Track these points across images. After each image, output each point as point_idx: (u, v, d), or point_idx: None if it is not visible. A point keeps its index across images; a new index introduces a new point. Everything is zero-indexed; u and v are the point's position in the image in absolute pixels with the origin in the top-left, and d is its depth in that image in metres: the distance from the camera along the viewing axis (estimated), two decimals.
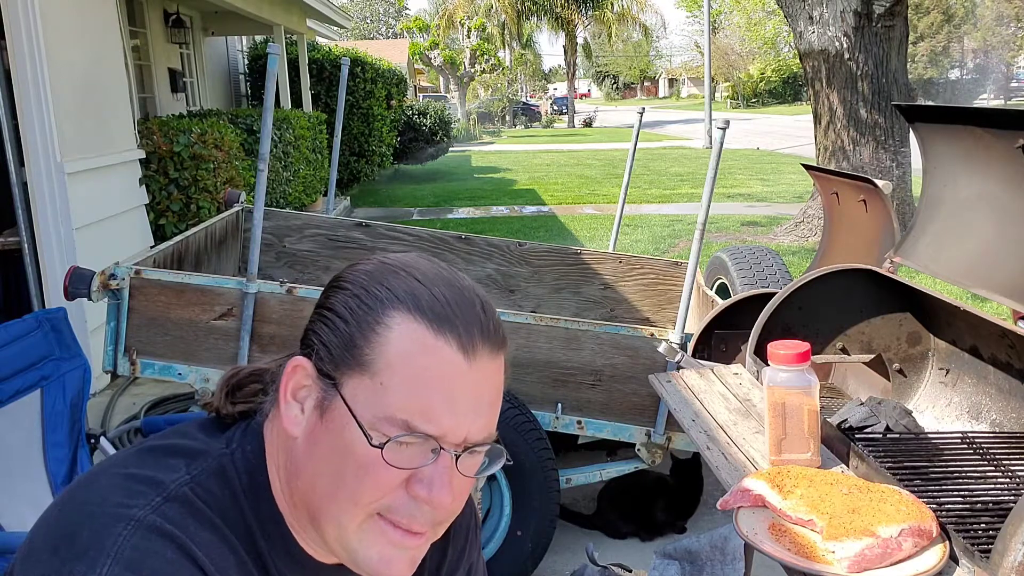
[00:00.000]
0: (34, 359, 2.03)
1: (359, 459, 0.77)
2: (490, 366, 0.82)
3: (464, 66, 34.95)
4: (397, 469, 0.77)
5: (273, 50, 2.65)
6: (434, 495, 0.78)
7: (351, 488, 0.78)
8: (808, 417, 1.62)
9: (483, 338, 0.81)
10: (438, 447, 0.78)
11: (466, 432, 0.79)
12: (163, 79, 8.36)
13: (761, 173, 15.75)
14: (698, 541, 2.40)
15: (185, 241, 3.37)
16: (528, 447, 2.63)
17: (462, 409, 0.79)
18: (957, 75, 41.36)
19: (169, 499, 0.78)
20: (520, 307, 3.90)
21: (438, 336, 0.78)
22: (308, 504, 0.82)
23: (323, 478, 0.80)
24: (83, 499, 0.79)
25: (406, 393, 0.77)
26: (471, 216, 11.39)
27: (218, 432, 0.88)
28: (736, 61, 49.66)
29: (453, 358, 0.78)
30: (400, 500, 0.79)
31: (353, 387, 0.78)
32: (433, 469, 0.78)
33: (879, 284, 2.13)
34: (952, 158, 2.03)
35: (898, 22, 8.03)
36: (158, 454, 0.84)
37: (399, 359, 0.78)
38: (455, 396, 0.78)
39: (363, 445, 0.77)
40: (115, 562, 0.72)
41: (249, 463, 0.85)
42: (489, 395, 0.82)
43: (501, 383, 0.85)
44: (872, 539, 1.28)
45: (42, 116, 3.88)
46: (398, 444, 0.77)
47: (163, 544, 0.75)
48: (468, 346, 0.79)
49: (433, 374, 0.78)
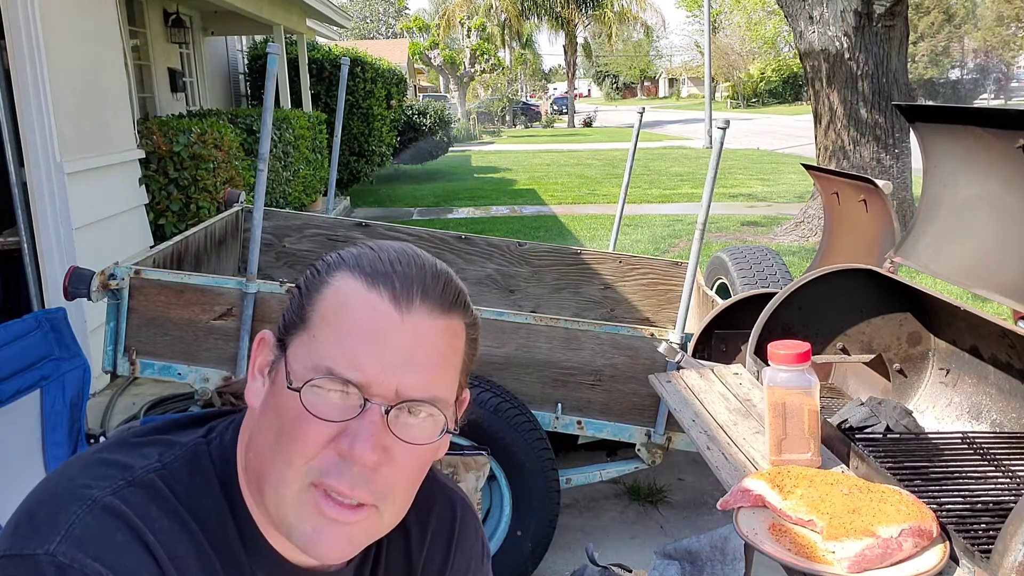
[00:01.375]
0: (34, 359, 2.02)
1: (290, 414, 0.77)
2: (430, 324, 0.78)
3: (464, 66, 34.95)
4: (321, 421, 0.75)
5: (273, 50, 2.65)
6: (356, 447, 0.74)
7: (284, 449, 0.77)
8: (808, 417, 1.62)
9: (423, 295, 0.78)
10: (364, 400, 0.76)
11: (396, 385, 0.76)
12: (163, 79, 8.36)
13: (761, 173, 15.75)
14: (698, 541, 2.40)
15: (185, 241, 3.37)
16: (528, 447, 2.63)
17: (390, 360, 0.76)
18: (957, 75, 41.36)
19: (133, 483, 0.78)
20: (520, 307, 3.89)
21: (371, 289, 0.78)
22: (257, 475, 0.80)
23: (266, 444, 0.79)
24: (51, 481, 0.80)
25: (333, 341, 0.77)
26: (471, 216, 11.39)
27: (205, 424, 0.88)
28: (736, 61, 49.65)
29: (383, 308, 0.77)
30: (330, 460, 0.76)
31: (295, 347, 0.79)
32: (359, 422, 0.75)
33: (879, 284, 2.13)
34: (952, 158, 2.03)
35: (898, 22, 8.03)
36: (136, 442, 0.84)
37: (331, 310, 0.78)
38: (382, 345, 0.76)
39: (293, 398, 0.76)
40: (64, 539, 0.72)
41: (225, 452, 0.84)
42: (426, 353, 0.78)
43: (451, 347, 0.81)
44: (872, 539, 1.28)
45: (42, 116, 3.88)
46: (326, 393, 0.76)
47: (115, 525, 0.74)
48: (402, 299, 0.78)
49: (360, 323, 0.77)
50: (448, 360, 0.81)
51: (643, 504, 3.35)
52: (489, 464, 2.59)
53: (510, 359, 2.72)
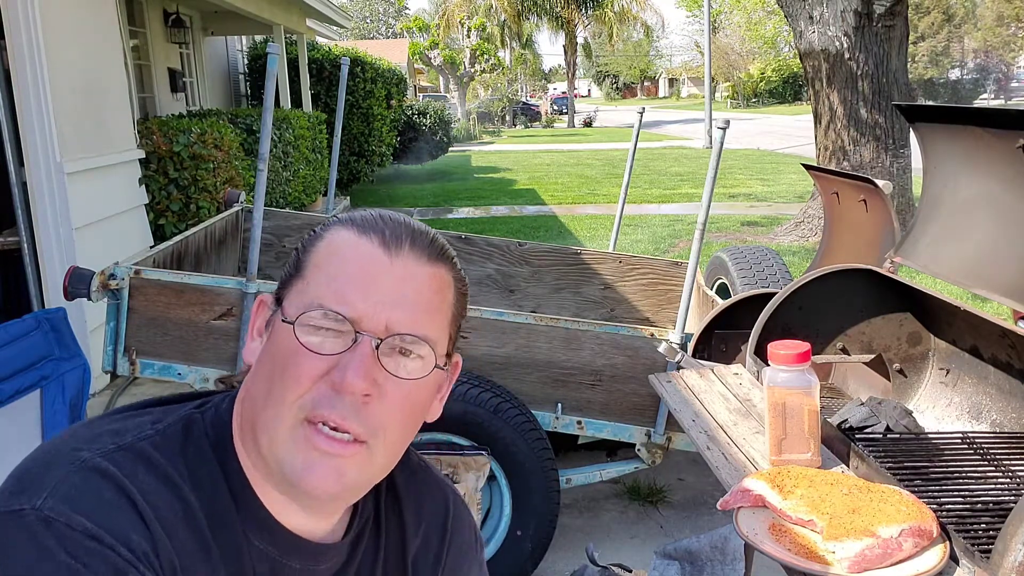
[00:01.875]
0: (33, 359, 2.02)
1: (284, 352, 0.79)
2: (418, 268, 0.83)
3: (464, 66, 34.95)
4: (314, 354, 0.78)
5: (273, 50, 2.65)
6: (348, 376, 0.77)
7: (278, 385, 0.79)
8: (808, 417, 1.62)
9: (412, 243, 0.83)
10: (355, 333, 0.78)
11: (385, 321, 0.79)
12: (163, 79, 8.36)
13: (761, 173, 15.75)
14: (698, 541, 2.40)
15: (185, 241, 3.37)
16: (528, 447, 2.63)
17: (379, 297, 0.80)
18: (957, 75, 41.36)
19: (123, 448, 0.78)
20: (520, 307, 3.89)
21: (361, 235, 0.82)
22: (252, 422, 0.81)
23: (260, 388, 0.81)
24: (42, 447, 0.80)
25: (324, 281, 0.81)
26: (471, 216, 11.39)
27: (201, 399, 0.89)
28: (736, 61, 49.65)
29: (373, 251, 0.81)
30: (322, 393, 0.78)
31: (290, 296, 0.82)
32: (350, 354, 0.78)
33: (879, 284, 2.13)
34: (952, 158, 2.03)
35: (898, 22, 8.03)
36: (131, 412, 0.86)
37: (324, 257, 0.82)
38: (371, 283, 0.80)
39: (287, 338, 0.79)
40: (51, 496, 0.72)
41: (220, 420, 0.85)
42: (415, 293, 0.82)
43: (439, 293, 0.85)
44: (872, 539, 1.28)
45: (42, 116, 3.87)
46: (314, 329, 0.79)
47: (103, 484, 0.74)
48: (391, 244, 0.82)
49: (351, 263, 0.81)
50: (436, 305, 0.84)
51: (643, 504, 3.35)
52: (489, 464, 2.59)
53: (510, 359, 2.72)
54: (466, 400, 2.57)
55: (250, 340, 0.87)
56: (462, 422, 2.58)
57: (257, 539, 0.82)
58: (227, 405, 0.86)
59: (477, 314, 2.70)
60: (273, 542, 0.83)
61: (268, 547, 0.83)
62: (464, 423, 2.58)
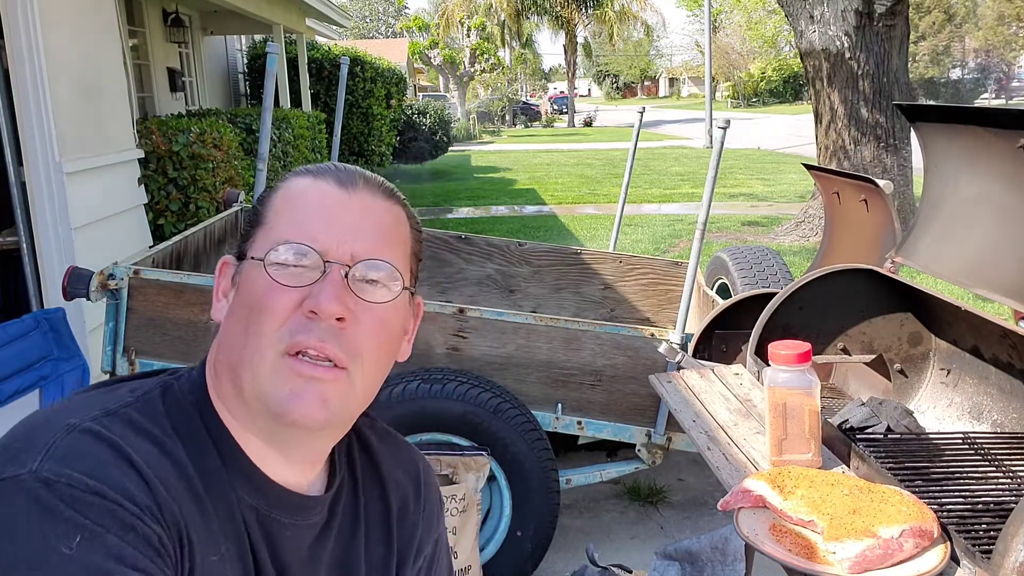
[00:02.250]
0: (32, 359, 2.02)
1: (256, 291, 0.82)
2: (375, 202, 0.87)
3: (464, 65, 34.95)
4: (287, 287, 0.81)
5: (272, 49, 2.65)
6: (322, 301, 0.80)
7: (255, 324, 0.81)
8: (809, 417, 1.61)
9: (365, 181, 0.88)
10: (323, 263, 0.82)
11: (350, 250, 0.83)
12: (162, 79, 8.36)
13: (762, 173, 15.75)
14: (698, 542, 2.39)
15: (184, 241, 3.36)
16: (528, 447, 2.62)
17: (341, 229, 0.84)
18: (958, 75, 41.36)
19: (109, 414, 0.78)
20: (520, 307, 3.89)
21: (317, 178, 0.87)
22: (230, 368, 0.83)
23: (236, 334, 0.83)
24: (22, 422, 0.80)
25: (287, 223, 0.84)
26: (471, 216, 11.39)
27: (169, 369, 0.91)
28: (737, 60, 49.64)
29: (329, 189, 0.86)
30: (298, 322, 0.81)
31: (253, 246, 0.86)
32: (321, 283, 0.81)
33: (880, 284, 2.12)
34: (953, 158, 2.02)
35: (899, 21, 8.02)
36: (105, 387, 0.87)
37: (282, 202, 0.86)
38: (332, 217, 0.84)
39: (259, 278, 0.82)
40: (47, 458, 0.71)
41: (193, 382, 0.87)
42: (374, 223, 0.86)
43: (397, 226, 0.89)
44: (873, 540, 1.28)
45: (41, 116, 3.87)
46: (284, 266, 0.81)
47: (98, 445, 0.74)
48: (347, 182, 0.87)
49: (310, 202, 0.85)
50: (396, 235, 0.89)
51: (643, 504, 3.34)
52: (489, 464, 2.59)
53: (510, 359, 2.71)
54: (466, 400, 2.57)
55: (216, 301, 0.89)
56: (462, 422, 2.57)
57: (246, 493, 0.83)
58: (198, 371, 0.88)
59: (477, 314, 2.69)
60: (261, 495, 0.84)
61: (256, 500, 0.84)
62: (464, 423, 2.57)
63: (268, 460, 0.85)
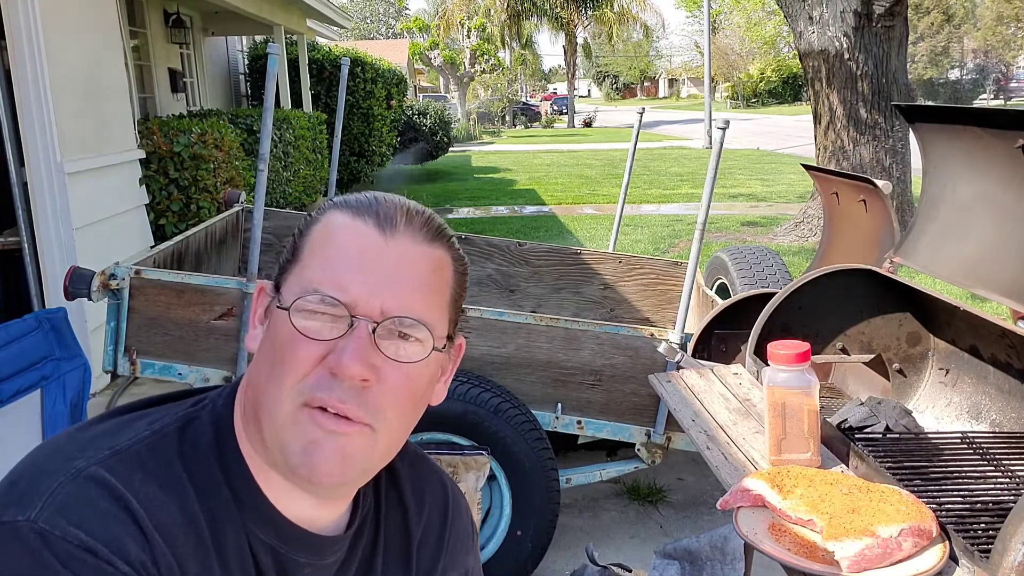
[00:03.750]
0: (34, 359, 2.02)
1: (282, 338, 0.79)
2: (413, 248, 0.81)
3: (464, 66, 34.94)
4: (311, 340, 0.77)
5: (273, 50, 2.65)
6: (344, 360, 0.76)
7: (277, 371, 0.79)
8: (808, 417, 1.62)
9: (407, 222, 0.82)
10: (351, 318, 0.78)
11: (380, 304, 0.78)
12: (163, 79, 8.36)
13: (761, 173, 15.75)
14: (698, 541, 2.40)
15: (185, 241, 3.37)
16: (528, 447, 2.63)
17: (374, 279, 0.79)
18: (957, 75, 41.35)
19: (118, 453, 0.77)
20: (520, 307, 3.90)
21: (356, 217, 0.81)
22: (254, 409, 0.81)
23: (261, 374, 0.81)
24: (36, 452, 0.79)
25: (319, 265, 0.80)
26: (471, 216, 11.39)
27: (196, 396, 0.88)
28: (736, 61, 49.63)
29: (367, 232, 0.80)
30: (320, 377, 0.78)
31: (288, 282, 0.82)
32: (346, 340, 0.77)
33: (879, 284, 2.13)
34: (952, 158, 2.03)
35: (898, 22, 8.02)
36: (124, 414, 0.85)
37: (318, 241, 0.81)
38: (366, 265, 0.79)
39: (285, 324, 0.78)
40: (46, 506, 0.71)
41: (217, 417, 0.84)
42: (411, 274, 0.81)
43: (436, 274, 0.83)
44: (872, 539, 1.28)
45: (42, 116, 3.88)
46: (310, 314, 0.78)
47: (99, 494, 0.73)
48: (386, 225, 0.81)
49: (345, 246, 0.80)
50: (434, 286, 0.83)
51: (643, 504, 3.35)
52: (489, 464, 2.59)
53: (510, 359, 2.72)
54: (466, 400, 2.57)
55: (252, 328, 0.87)
56: (462, 422, 2.58)
57: (262, 533, 0.82)
58: (224, 400, 0.86)
59: (477, 314, 2.70)
60: (278, 536, 0.83)
61: (274, 541, 0.82)
62: (464, 423, 2.58)
63: (289, 499, 0.83)
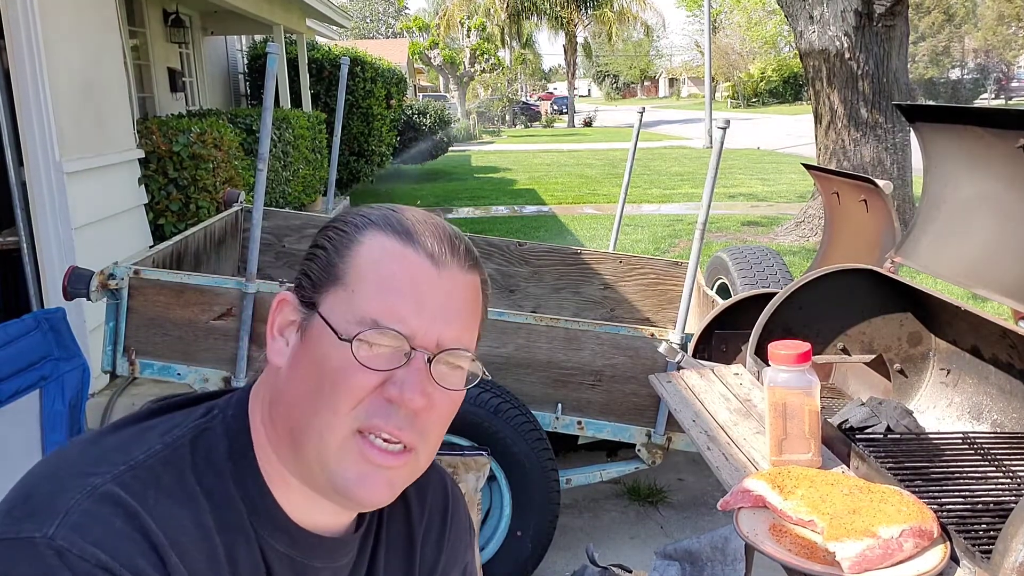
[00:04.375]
0: (33, 359, 2.02)
1: (335, 364, 0.79)
2: (461, 278, 0.83)
3: (464, 66, 34.94)
4: (370, 370, 0.79)
5: (272, 50, 2.65)
6: (405, 393, 0.79)
7: (328, 396, 0.79)
8: (809, 417, 1.61)
9: (453, 253, 0.83)
10: (409, 350, 0.79)
11: (437, 336, 0.81)
12: (162, 79, 8.36)
13: (761, 173, 15.75)
14: (698, 542, 2.39)
15: (184, 241, 3.36)
16: (528, 447, 2.62)
17: (431, 312, 0.80)
18: (958, 75, 41.36)
19: (133, 468, 0.77)
20: (520, 307, 3.89)
21: (406, 245, 0.82)
22: (290, 427, 0.82)
23: (303, 395, 0.81)
24: (51, 463, 0.80)
25: (375, 294, 0.80)
26: (471, 216, 11.39)
27: (202, 404, 0.88)
28: (736, 61, 49.63)
29: (421, 263, 0.81)
30: (377, 405, 0.79)
31: (330, 302, 0.81)
32: (406, 371, 0.79)
33: (880, 284, 2.13)
34: (953, 158, 2.02)
35: (899, 22, 8.02)
36: (136, 425, 0.85)
37: (368, 266, 0.81)
38: (423, 298, 0.80)
39: (338, 350, 0.79)
40: (63, 524, 0.71)
41: (229, 428, 0.85)
42: (460, 305, 0.83)
43: (476, 301, 0.86)
44: (873, 540, 1.28)
45: (41, 116, 3.87)
46: (369, 345, 0.79)
47: (114, 512, 0.74)
48: (438, 255, 0.82)
49: (401, 277, 0.81)
50: (474, 314, 0.86)
51: (643, 504, 3.34)
52: (489, 464, 2.59)
53: (510, 359, 2.71)
54: (466, 400, 2.56)
55: (271, 339, 0.86)
56: (462, 422, 2.57)
57: (278, 543, 0.83)
58: (234, 410, 0.86)
59: None
60: (293, 544, 0.84)
61: (289, 550, 0.84)
62: (464, 423, 2.58)
63: (308, 509, 0.85)
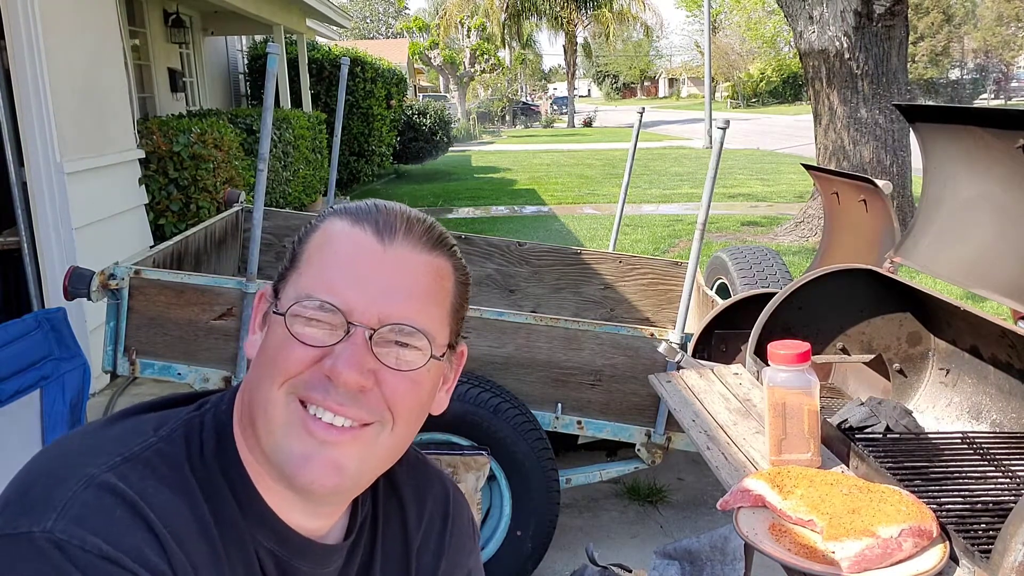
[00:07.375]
0: (33, 359, 2.02)
1: (276, 341, 0.79)
2: (413, 257, 0.81)
3: (464, 66, 34.95)
4: (304, 345, 0.78)
5: (273, 50, 2.65)
6: (339, 366, 0.76)
7: (268, 370, 0.79)
8: (808, 417, 1.61)
9: (407, 231, 0.82)
10: (347, 324, 0.78)
11: (378, 313, 0.78)
12: (163, 79, 8.36)
13: (761, 173, 15.75)
14: (698, 541, 2.40)
15: (185, 241, 3.37)
16: (528, 447, 2.63)
17: (372, 288, 0.79)
18: (957, 75, 41.36)
19: (129, 460, 0.77)
20: (520, 307, 3.89)
21: (355, 225, 0.81)
22: (250, 413, 0.81)
23: (256, 378, 0.81)
24: (46, 456, 0.79)
25: (316, 272, 0.80)
26: (471, 216, 11.39)
27: (197, 400, 0.88)
28: (736, 61, 49.64)
29: (365, 240, 0.80)
30: (316, 379, 0.78)
31: (285, 288, 0.82)
32: (343, 346, 0.77)
33: (879, 284, 2.13)
34: (952, 158, 2.03)
35: (898, 22, 8.02)
36: (130, 418, 0.85)
37: (316, 248, 0.82)
38: (363, 274, 0.79)
39: (280, 327, 0.79)
40: (61, 516, 0.70)
41: (219, 422, 0.84)
42: (409, 283, 0.81)
43: (437, 284, 0.83)
44: (872, 539, 1.28)
45: (42, 116, 3.88)
46: (306, 320, 0.78)
47: (113, 502, 0.73)
48: (385, 232, 0.81)
49: (342, 254, 0.80)
50: (433, 296, 0.83)
51: (643, 504, 3.35)
52: (489, 464, 2.59)
53: (510, 359, 2.72)
54: (466, 400, 2.57)
55: (251, 334, 0.87)
56: (462, 422, 2.58)
57: (265, 540, 0.82)
58: (226, 405, 0.86)
59: (477, 314, 2.70)
60: (280, 542, 0.83)
61: (276, 547, 0.83)
62: (464, 423, 2.58)
63: (288, 507, 0.83)
